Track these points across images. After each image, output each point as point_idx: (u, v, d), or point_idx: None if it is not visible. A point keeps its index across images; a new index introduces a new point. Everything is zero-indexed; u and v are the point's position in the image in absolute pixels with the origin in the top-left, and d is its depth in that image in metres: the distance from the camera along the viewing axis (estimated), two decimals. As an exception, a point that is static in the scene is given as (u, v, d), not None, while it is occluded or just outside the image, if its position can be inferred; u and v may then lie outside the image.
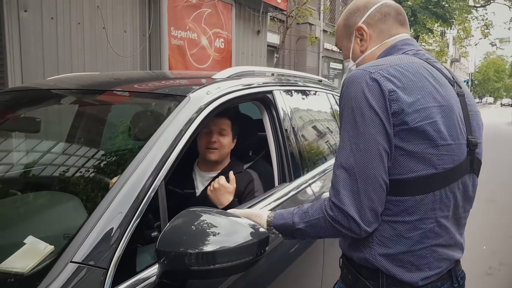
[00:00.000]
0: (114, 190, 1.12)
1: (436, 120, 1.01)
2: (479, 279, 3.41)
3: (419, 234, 1.05)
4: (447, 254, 1.11)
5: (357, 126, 1.01)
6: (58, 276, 0.95)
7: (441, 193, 1.05)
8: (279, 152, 1.86)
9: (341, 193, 1.01)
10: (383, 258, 1.07)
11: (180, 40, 5.89)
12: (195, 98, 1.44)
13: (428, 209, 1.04)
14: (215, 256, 1.02)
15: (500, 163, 9.11)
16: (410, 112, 0.99)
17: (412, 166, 1.01)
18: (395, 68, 1.04)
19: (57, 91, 1.84)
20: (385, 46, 1.19)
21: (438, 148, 1.02)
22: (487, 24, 19.40)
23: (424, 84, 1.04)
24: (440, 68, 1.14)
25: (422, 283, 1.07)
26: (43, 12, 4.31)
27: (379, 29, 1.20)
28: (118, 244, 1.03)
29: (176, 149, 1.27)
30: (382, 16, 1.19)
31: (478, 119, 1.17)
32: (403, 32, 1.21)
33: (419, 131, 1.00)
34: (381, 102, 0.99)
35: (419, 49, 1.18)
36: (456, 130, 1.06)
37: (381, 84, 1.00)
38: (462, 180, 1.09)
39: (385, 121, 0.99)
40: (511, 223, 4.91)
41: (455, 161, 1.05)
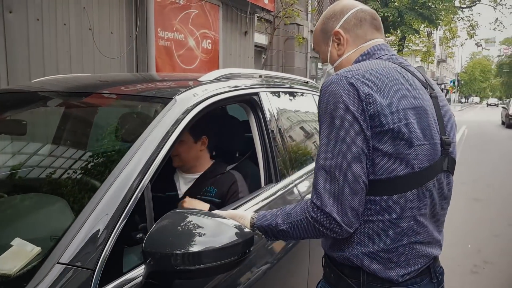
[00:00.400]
0: (100, 191, 1.14)
1: (411, 121, 1.05)
2: (464, 278, 3.46)
3: (398, 232, 1.08)
4: (425, 251, 1.14)
5: (336, 129, 1.04)
6: (45, 277, 0.96)
7: (418, 192, 1.08)
8: (265, 153, 1.88)
9: (322, 195, 1.04)
10: (364, 257, 1.10)
11: (167, 41, 5.88)
12: (181, 100, 1.46)
13: (406, 207, 1.07)
14: (200, 256, 1.03)
15: (487, 163, 9.28)
16: (386, 114, 1.03)
17: (390, 167, 1.05)
18: (370, 72, 1.08)
19: (43, 93, 1.84)
20: (361, 51, 1.23)
21: (414, 148, 1.05)
22: (472, 25, 19.68)
23: (398, 87, 1.08)
24: (413, 71, 1.19)
25: (401, 279, 1.10)
26: (29, 13, 4.27)
27: (355, 34, 1.23)
28: (104, 245, 1.05)
29: (163, 151, 1.29)
30: (358, 21, 1.23)
31: (451, 119, 1.22)
32: (378, 37, 1.25)
33: (395, 132, 1.04)
34: (358, 105, 1.03)
35: (393, 53, 1.23)
36: (430, 130, 1.09)
37: (357, 88, 1.04)
38: (438, 178, 1.13)
39: (362, 123, 1.03)
40: (496, 222, 4.98)
41: (430, 160, 1.09)
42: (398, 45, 19.34)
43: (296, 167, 2.08)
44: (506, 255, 3.94)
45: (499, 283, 3.38)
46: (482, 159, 9.79)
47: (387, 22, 15.41)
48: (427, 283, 1.16)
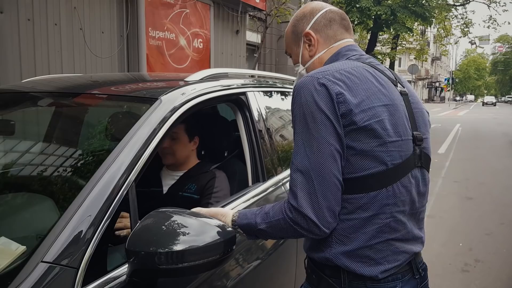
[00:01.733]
0: (85, 191, 1.15)
1: (383, 119, 1.07)
2: (455, 276, 3.48)
3: (374, 229, 1.09)
4: (405, 247, 1.15)
5: (309, 129, 1.06)
6: (29, 276, 0.97)
7: (394, 188, 1.10)
8: (253, 152, 1.90)
9: (298, 196, 1.05)
10: (342, 256, 1.11)
11: (158, 40, 5.88)
12: (166, 101, 1.47)
13: (382, 204, 1.09)
14: (184, 255, 1.05)
15: (480, 161, 9.33)
16: (357, 113, 1.05)
17: (364, 165, 1.07)
18: (340, 72, 1.10)
19: (32, 93, 1.85)
20: (331, 52, 1.25)
21: (387, 145, 1.07)
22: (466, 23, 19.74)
23: (368, 86, 1.10)
24: (383, 70, 1.21)
25: (381, 276, 1.11)
26: (20, 13, 4.27)
27: (325, 34, 1.26)
28: (88, 244, 1.06)
29: (147, 151, 1.30)
30: (328, 21, 1.25)
31: (424, 116, 1.24)
32: (347, 37, 1.27)
33: (367, 130, 1.06)
34: (330, 105, 1.05)
35: (362, 53, 1.25)
36: (401, 127, 1.11)
37: (328, 88, 1.06)
38: (413, 174, 1.15)
39: (335, 122, 1.04)
40: (488, 220, 5.00)
41: (403, 156, 1.11)
42: (392, 43, 19.39)
43: (283, 166, 2.10)
44: (498, 254, 3.97)
45: (490, 282, 3.40)
46: (476, 157, 9.85)
47: (380, 20, 15.44)
48: (409, 279, 1.17)
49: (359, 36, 18.93)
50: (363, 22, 15.41)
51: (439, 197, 6.05)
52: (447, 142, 12.62)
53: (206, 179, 1.89)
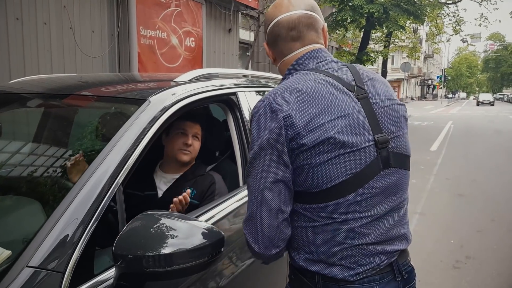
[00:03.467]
0: (71, 194, 1.14)
1: (334, 133, 1.06)
2: (446, 273, 3.50)
3: (338, 235, 1.08)
4: (380, 249, 1.12)
5: (257, 153, 1.09)
6: (13, 281, 0.96)
7: (355, 196, 1.08)
8: (243, 153, 1.90)
9: (245, 216, 1.14)
10: (311, 262, 1.12)
11: (149, 39, 5.86)
12: (155, 101, 1.46)
13: (343, 212, 1.08)
14: (171, 258, 1.05)
15: (472, 158, 9.40)
16: (306, 134, 1.06)
17: (321, 179, 1.06)
18: (289, 92, 1.10)
19: (20, 94, 1.83)
20: (288, 64, 1.24)
21: (341, 157, 1.06)
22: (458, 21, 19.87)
23: (318, 101, 1.09)
24: (339, 75, 1.16)
25: (353, 279, 1.10)
26: (8, 12, 4.22)
27: (275, 50, 1.26)
28: (75, 247, 1.05)
29: (135, 153, 1.29)
30: (274, 38, 1.23)
31: (393, 113, 1.18)
32: (300, 47, 1.21)
33: (319, 147, 1.05)
34: (278, 132, 1.07)
35: (320, 60, 1.20)
36: (357, 136, 1.09)
37: (277, 113, 1.08)
38: (379, 178, 1.11)
39: (281, 151, 1.07)
40: (479, 217, 5.02)
41: (362, 164, 1.08)
42: (384, 41, 19.46)
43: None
44: (489, 251, 3.99)
45: (481, 279, 3.42)
46: (467, 154, 9.93)
47: (372, 18, 15.49)
48: (389, 281, 1.14)
49: (352, 34, 18.97)
50: (355, 20, 15.46)
51: (431, 194, 6.09)
52: (439, 139, 12.69)
53: (205, 183, 1.89)
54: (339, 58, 17.19)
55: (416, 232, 4.39)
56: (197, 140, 1.95)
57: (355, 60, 16.89)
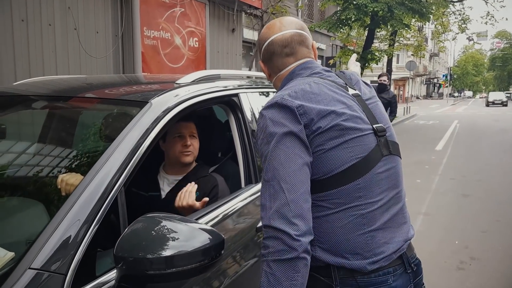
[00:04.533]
0: (73, 196, 1.15)
1: (343, 119, 1.17)
2: (450, 274, 3.48)
3: (351, 221, 1.14)
4: (389, 237, 1.19)
5: (277, 146, 1.11)
6: (16, 283, 0.97)
7: (364, 180, 1.16)
8: (245, 154, 1.91)
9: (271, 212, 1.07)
10: (328, 252, 1.15)
11: (153, 40, 5.88)
12: (157, 104, 1.47)
13: (355, 196, 1.15)
14: (172, 260, 1.06)
15: (477, 158, 9.34)
16: (319, 119, 1.14)
17: (333, 164, 1.14)
18: (295, 91, 1.19)
19: (25, 96, 1.85)
20: (283, 76, 1.34)
21: (348, 142, 1.15)
22: (464, 19, 19.74)
23: (324, 96, 1.19)
24: (333, 79, 1.30)
25: (370, 268, 1.14)
26: (13, 14, 4.26)
27: (270, 66, 1.37)
28: (77, 249, 1.06)
29: (138, 154, 1.30)
30: (269, 55, 1.35)
31: (380, 109, 1.33)
32: (294, 62, 1.33)
33: (331, 132, 1.14)
34: (293, 119, 1.13)
35: (314, 69, 1.32)
36: (359, 124, 1.19)
37: (289, 105, 1.15)
38: (382, 164, 1.21)
39: (300, 135, 1.12)
40: (484, 218, 4.98)
41: (367, 149, 1.18)
42: (389, 40, 19.38)
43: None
44: (493, 251, 3.96)
45: (486, 280, 3.40)
46: (473, 154, 9.87)
47: (377, 17, 15.43)
48: (402, 273, 1.20)
49: (356, 33, 18.91)
50: (360, 19, 15.40)
51: (435, 194, 6.06)
52: (444, 138, 12.63)
53: (208, 186, 1.90)
54: (343, 57, 17.12)
55: (420, 233, 4.38)
56: (195, 138, 1.96)
57: (360, 59, 16.84)
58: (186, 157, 1.91)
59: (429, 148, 10.27)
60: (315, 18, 16.07)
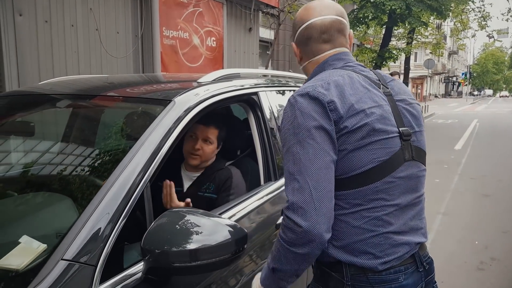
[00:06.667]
0: (102, 191, 1.19)
1: (371, 120, 1.13)
2: (470, 274, 3.44)
3: (367, 223, 1.13)
4: (403, 239, 1.18)
5: (305, 140, 1.09)
6: (50, 273, 1.02)
7: (383, 183, 1.14)
8: (265, 152, 1.93)
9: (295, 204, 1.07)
10: (341, 250, 1.15)
11: (172, 39, 5.95)
12: (180, 102, 1.51)
13: (372, 198, 1.13)
14: (196, 253, 1.09)
15: (498, 157, 9.16)
16: (348, 118, 1.11)
17: (355, 164, 1.12)
18: (327, 83, 1.16)
19: (50, 95, 1.91)
20: (315, 63, 1.30)
21: (375, 143, 1.13)
22: (484, 16, 19.33)
23: (355, 91, 1.16)
24: (367, 74, 1.25)
25: (381, 267, 1.14)
26: (38, 15, 4.37)
27: (304, 50, 1.31)
28: (106, 242, 1.10)
29: (162, 151, 1.34)
30: (305, 39, 1.29)
31: (413, 111, 1.26)
32: (330, 49, 1.28)
33: (357, 132, 1.12)
34: (324, 114, 1.11)
35: (348, 61, 1.28)
36: (388, 125, 1.16)
37: (320, 98, 1.12)
38: (404, 168, 1.18)
39: (330, 131, 1.10)
40: (505, 218, 4.91)
41: (390, 152, 1.15)
42: (407, 38, 19.12)
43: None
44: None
45: (507, 281, 3.35)
46: (493, 153, 9.67)
47: (394, 15, 15.25)
48: (413, 272, 1.19)
49: (374, 31, 18.72)
50: (377, 17, 15.25)
51: (455, 194, 5.98)
52: (464, 138, 12.42)
53: (223, 177, 1.92)
54: (360, 55, 16.99)
55: (439, 232, 4.34)
56: (209, 144, 1.94)
57: (377, 57, 16.66)
58: (193, 159, 1.94)
59: (448, 148, 10.12)
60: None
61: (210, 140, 1.95)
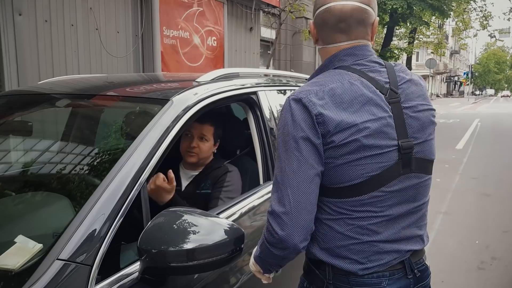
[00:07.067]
0: (98, 191, 1.19)
1: (362, 136, 1.07)
2: (471, 274, 3.42)
3: (350, 230, 1.11)
4: (391, 247, 1.14)
5: (292, 148, 1.08)
6: (45, 273, 1.01)
7: (370, 197, 1.10)
8: (264, 151, 1.92)
9: (275, 210, 1.09)
10: (323, 251, 1.15)
11: (172, 39, 5.95)
12: (178, 101, 1.50)
13: (357, 210, 1.11)
14: (193, 253, 1.09)
15: (499, 157, 9.14)
16: (335, 133, 1.07)
17: (341, 177, 1.09)
18: (323, 91, 1.10)
19: (49, 95, 1.91)
20: (328, 52, 1.21)
21: (361, 160, 1.08)
22: (486, 15, 19.30)
23: (352, 102, 1.09)
24: (374, 76, 1.15)
25: (362, 273, 1.12)
26: (37, 15, 4.37)
27: (320, 34, 1.22)
28: (102, 242, 1.10)
29: (160, 150, 1.33)
30: (322, 23, 1.19)
31: (421, 118, 1.17)
32: (345, 40, 1.17)
33: (345, 147, 1.07)
34: (311, 126, 1.07)
35: (358, 58, 1.18)
36: (383, 140, 1.10)
37: (310, 109, 1.08)
38: (397, 182, 1.12)
39: (317, 143, 1.07)
40: (506, 218, 4.88)
41: (382, 167, 1.10)
42: (409, 37, 19.10)
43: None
44: (515, 251, 3.90)
45: (507, 280, 3.34)
46: (494, 153, 9.65)
47: (396, 14, 15.23)
48: (400, 278, 1.15)
49: (375, 30, 18.69)
50: (378, 16, 15.23)
51: (456, 193, 5.97)
52: (465, 137, 12.39)
53: (219, 173, 1.93)
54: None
55: (440, 232, 4.32)
56: (205, 141, 1.94)
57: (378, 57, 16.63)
58: (190, 157, 1.94)
59: (449, 147, 10.09)
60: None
61: (206, 137, 1.95)
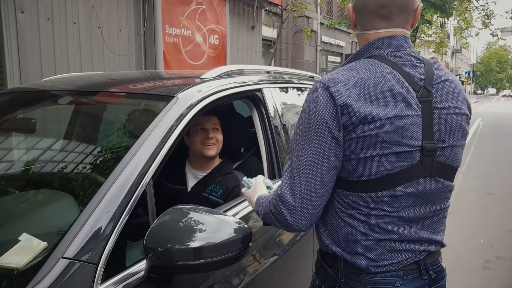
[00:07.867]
0: (103, 188, 1.17)
1: (385, 131, 1.04)
2: (475, 273, 3.43)
3: (362, 226, 1.10)
4: (406, 246, 1.12)
5: (311, 135, 1.06)
6: (50, 272, 1.00)
7: (385, 195, 1.07)
8: (269, 149, 1.91)
9: (285, 194, 1.09)
10: (336, 244, 1.14)
11: (174, 37, 5.93)
12: (183, 98, 1.49)
13: (371, 207, 1.08)
14: (200, 252, 1.07)
15: (502, 156, 9.12)
16: (359, 125, 1.03)
17: (355, 172, 1.07)
18: (353, 80, 1.07)
19: (51, 92, 1.89)
20: (365, 38, 1.17)
21: (380, 157, 1.05)
22: (488, 14, 19.23)
23: (381, 96, 1.05)
24: (409, 71, 1.11)
25: (374, 270, 1.10)
26: (39, 13, 4.35)
27: (358, 18, 1.17)
28: (107, 240, 1.08)
29: (165, 148, 1.31)
30: (362, 7, 1.14)
31: (451, 122, 1.12)
32: (385, 27, 1.13)
33: (363, 142, 1.04)
34: (334, 116, 1.04)
35: (396, 49, 1.13)
36: (407, 138, 1.06)
37: (336, 99, 1.04)
38: (414, 183, 1.09)
39: (336, 134, 1.05)
40: (510, 217, 4.89)
41: (401, 166, 1.06)
42: (410, 36, 19.02)
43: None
44: (519, 250, 3.89)
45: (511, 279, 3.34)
46: (497, 152, 9.63)
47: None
48: (414, 278, 1.13)
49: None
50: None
51: (459, 193, 5.95)
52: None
53: (230, 184, 1.92)
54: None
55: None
56: (218, 132, 1.97)
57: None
58: (209, 150, 1.92)
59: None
60: (335, 15, 15.95)
61: (218, 128, 1.98)
